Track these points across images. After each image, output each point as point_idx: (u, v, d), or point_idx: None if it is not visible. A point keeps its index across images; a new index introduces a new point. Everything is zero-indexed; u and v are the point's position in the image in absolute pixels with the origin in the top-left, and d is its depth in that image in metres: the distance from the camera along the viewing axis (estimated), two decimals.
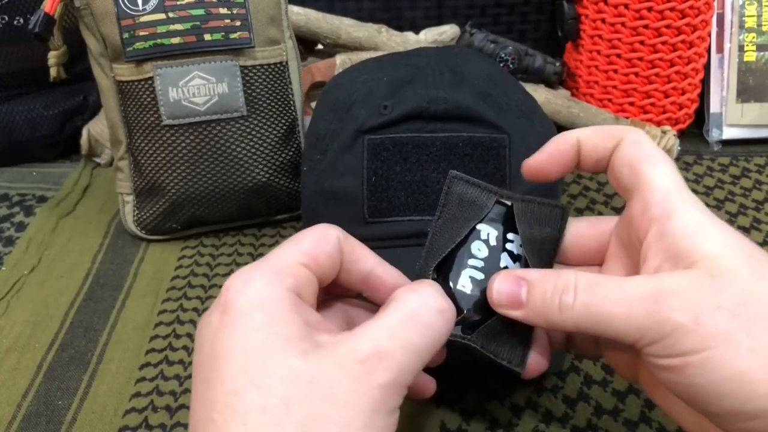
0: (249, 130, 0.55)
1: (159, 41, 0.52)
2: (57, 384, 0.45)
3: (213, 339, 0.27)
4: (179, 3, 0.52)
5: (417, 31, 0.76)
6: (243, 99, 0.55)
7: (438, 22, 0.80)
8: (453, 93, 0.45)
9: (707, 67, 0.72)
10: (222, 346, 0.26)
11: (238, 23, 0.54)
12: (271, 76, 0.56)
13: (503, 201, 0.34)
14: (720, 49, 0.72)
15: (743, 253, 0.26)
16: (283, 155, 0.58)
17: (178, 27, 0.52)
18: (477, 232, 0.34)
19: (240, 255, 0.57)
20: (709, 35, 0.71)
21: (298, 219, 0.61)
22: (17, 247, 0.58)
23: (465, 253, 0.33)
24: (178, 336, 0.49)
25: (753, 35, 0.71)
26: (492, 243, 0.33)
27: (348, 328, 0.32)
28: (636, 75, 0.70)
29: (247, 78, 0.55)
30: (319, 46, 0.75)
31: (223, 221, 0.59)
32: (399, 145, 0.44)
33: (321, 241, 0.30)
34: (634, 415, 0.42)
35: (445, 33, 0.76)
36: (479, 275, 0.33)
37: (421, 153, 0.44)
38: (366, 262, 0.32)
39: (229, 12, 0.53)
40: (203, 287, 0.53)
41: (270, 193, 0.58)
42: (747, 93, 0.71)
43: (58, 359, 0.47)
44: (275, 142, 0.57)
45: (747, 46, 0.71)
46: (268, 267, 0.28)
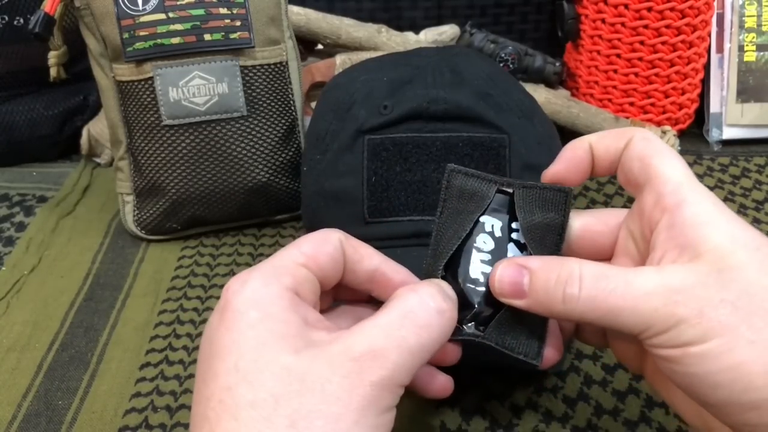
0: (249, 130, 0.55)
1: (159, 41, 0.52)
2: (57, 384, 0.45)
3: (211, 338, 0.27)
4: (179, 3, 0.52)
5: (417, 31, 0.76)
6: (243, 99, 0.55)
7: (438, 22, 0.80)
8: (453, 93, 0.45)
9: (707, 67, 0.72)
10: (218, 344, 0.27)
11: (238, 23, 0.54)
12: (271, 76, 0.56)
13: (504, 189, 0.34)
14: (720, 49, 0.72)
15: (750, 247, 0.26)
16: (283, 155, 0.58)
17: (178, 27, 0.52)
18: (481, 224, 0.33)
19: (240, 255, 0.57)
20: (709, 35, 0.71)
21: (298, 219, 0.61)
22: (17, 247, 0.58)
23: (471, 248, 0.33)
24: (178, 336, 0.49)
25: (753, 35, 0.71)
26: (497, 234, 0.33)
27: None
28: (636, 75, 0.70)
29: (247, 78, 0.55)
30: (319, 46, 0.75)
31: (223, 221, 0.59)
32: (399, 145, 0.44)
33: (321, 243, 0.30)
34: (634, 415, 0.42)
35: (445, 33, 0.76)
36: (487, 268, 0.32)
37: (421, 153, 0.44)
38: (371, 261, 0.32)
39: (229, 12, 0.53)
40: (203, 287, 0.53)
41: (270, 193, 0.58)
42: (747, 93, 0.71)
43: (58, 359, 0.47)
44: (275, 142, 0.57)
45: (747, 46, 0.71)
46: (266, 268, 0.29)
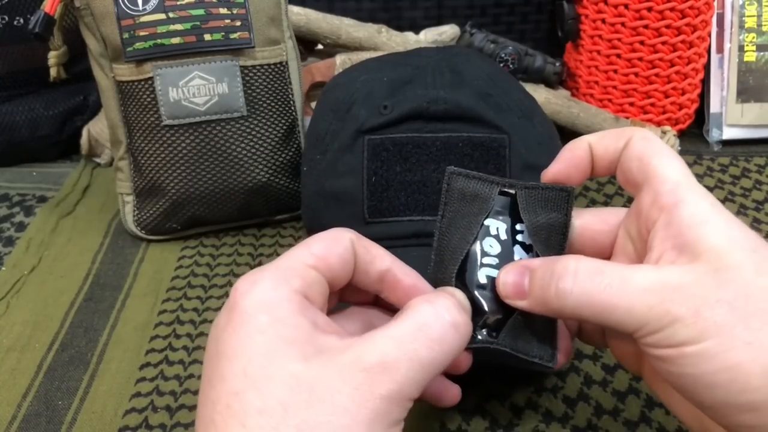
0: (249, 130, 0.55)
1: (159, 41, 0.52)
2: (57, 384, 0.45)
3: (218, 339, 0.27)
4: (179, 3, 0.52)
5: (417, 31, 0.76)
6: (243, 99, 0.55)
7: (438, 22, 0.80)
8: (453, 93, 0.45)
9: (707, 67, 0.72)
10: (226, 346, 0.26)
11: (238, 23, 0.54)
12: (271, 76, 0.56)
13: (506, 190, 0.33)
14: (720, 49, 0.72)
15: (747, 248, 0.26)
16: (283, 155, 0.58)
17: (178, 27, 0.52)
18: (486, 228, 0.33)
19: (240, 255, 0.57)
20: (709, 35, 0.71)
21: (298, 219, 0.61)
22: (17, 247, 0.58)
23: (478, 252, 0.33)
24: (178, 336, 0.49)
25: (753, 35, 0.71)
26: (503, 237, 0.33)
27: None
28: (636, 75, 0.70)
29: (247, 78, 0.55)
30: (319, 46, 0.75)
31: (223, 221, 0.59)
32: (399, 145, 0.44)
33: (332, 244, 0.30)
34: (634, 415, 0.42)
35: (445, 33, 0.76)
36: (495, 272, 0.32)
37: (421, 153, 0.44)
38: (382, 262, 0.31)
39: (229, 12, 0.53)
40: (203, 287, 0.53)
41: (270, 193, 0.58)
42: (747, 93, 0.71)
43: (58, 359, 0.47)
44: (275, 142, 0.57)
45: (747, 46, 0.71)
46: (275, 269, 0.28)
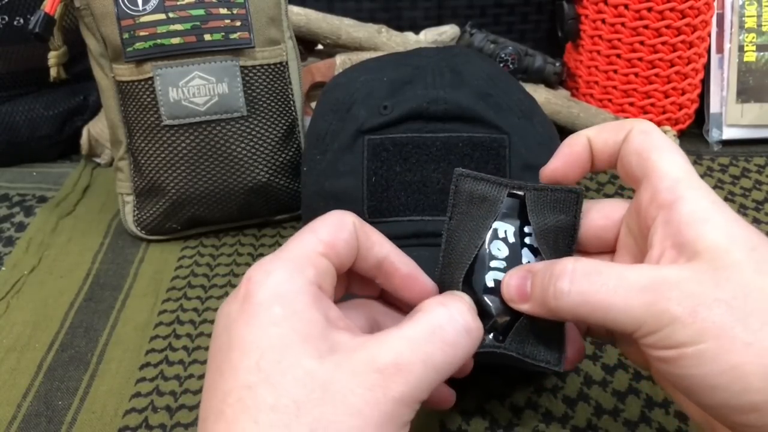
0: (249, 130, 0.55)
1: (159, 41, 0.52)
2: (57, 384, 0.45)
3: (230, 328, 0.27)
4: (179, 3, 0.52)
5: (417, 31, 0.76)
6: (243, 99, 0.55)
7: (438, 22, 0.80)
8: (453, 93, 0.45)
9: (707, 68, 0.72)
10: (239, 337, 0.26)
11: (238, 23, 0.54)
12: (271, 76, 0.56)
13: (515, 192, 0.33)
14: (720, 50, 0.72)
15: (747, 247, 0.26)
16: (283, 155, 0.58)
17: (178, 27, 0.52)
18: (494, 231, 0.33)
19: (240, 255, 0.57)
20: (709, 35, 0.71)
21: (298, 219, 0.61)
22: (17, 247, 0.58)
23: (486, 255, 0.32)
24: (178, 336, 0.49)
25: (753, 35, 0.71)
26: (511, 240, 0.33)
27: (371, 328, 0.32)
28: (636, 75, 0.70)
29: (247, 78, 0.55)
30: (319, 46, 0.75)
31: (223, 221, 0.59)
32: (399, 146, 0.44)
33: (338, 229, 0.29)
34: (634, 415, 0.42)
35: (445, 33, 0.76)
36: (502, 276, 0.32)
37: (421, 153, 0.44)
38: (381, 248, 0.31)
39: (229, 12, 0.53)
40: (203, 287, 0.53)
41: (270, 193, 0.58)
42: (747, 93, 0.71)
43: (58, 359, 0.47)
44: (275, 142, 0.57)
45: (747, 46, 0.71)
46: (288, 258, 0.28)
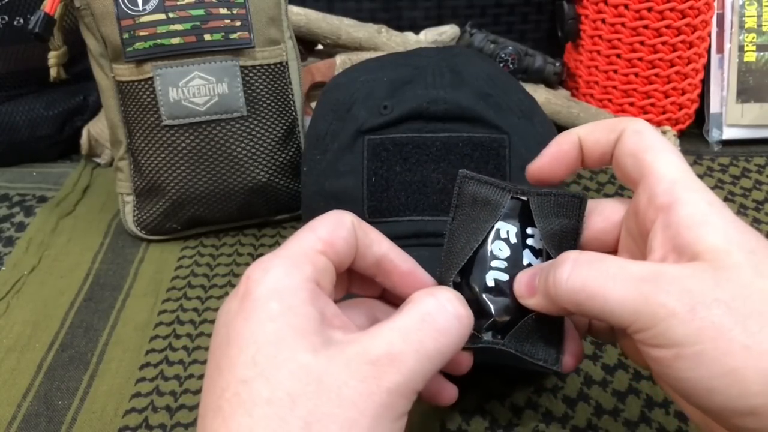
0: (249, 130, 0.55)
1: (159, 41, 0.52)
2: (57, 384, 0.45)
3: (228, 325, 0.27)
4: (179, 3, 0.52)
5: (417, 31, 0.76)
6: (243, 99, 0.55)
7: (438, 22, 0.80)
8: (453, 93, 0.45)
9: (707, 68, 0.72)
10: (236, 333, 0.26)
11: (238, 23, 0.54)
12: (271, 76, 0.56)
13: (518, 197, 0.33)
14: (720, 50, 0.72)
15: (746, 249, 0.26)
16: (283, 155, 0.58)
17: (178, 27, 0.52)
18: (496, 231, 0.33)
19: (240, 255, 0.57)
20: (709, 35, 0.71)
21: (298, 219, 0.61)
22: (17, 247, 0.58)
23: (487, 255, 0.32)
24: (178, 336, 0.49)
25: (753, 35, 0.71)
26: (512, 240, 0.33)
27: (372, 326, 0.32)
28: (636, 75, 0.70)
29: (247, 78, 0.55)
30: (319, 46, 0.75)
31: (223, 221, 0.59)
32: (399, 146, 0.44)
33: (337, 227, 0.30)
34: (634, 415, 0.42)
35: (445, 33, 0.76)
36: (503, 276, 0.32)
37: (421, 153, 0.44)
38: (380, 246, 0.32)
39: (229, 12, 0.53)
40: (203, 287, 0.53)
41: (270, 193, 0.58)
42: (747, 93, 0.71)
43: (58, 359, 0.47)
44: (275, 142, 0.57)
45: (747, 46, 0.71)
46: (286, 255, 0.28)
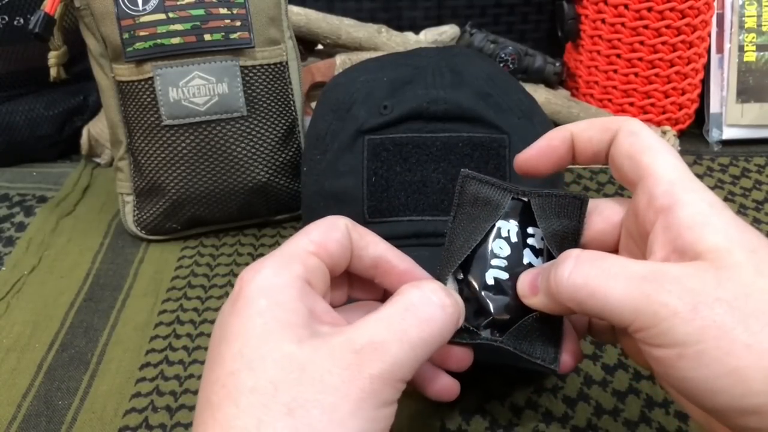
0: (249, 130, 0.55)
1: (159, 41, 0.52)
2: (57, 384, 0.45)
3: (221, 325, 0.28)
4: (179, 3, 0.52)
5: (417, 31, 0.76)
6: (243, 99, 0.55)
7: (438, 22, 0.80)
8: (453, 93, 0.45)
9: (707, 68, 0.72)
10: (227, 330, 0.27)
11: (238, 23, 0.54)
12: (271, 76, 0.56)
13: (519, 197, 0.33)
14: (720, 49, 0.72)
15: (747, 248, 0.26)
16: (283, 155, 0.58)
17: (178, 27, 0.52)
18: (497, 230, 0.33)
19: (240, 255, 0.57)
20: (709, 35, 0.71)
21: (298, 219, 0.61)
22: (17, 247, 0.58)
23: (487, 253, 0.33)
24: (178, 336, 0.49)
25: (753, 35, 0.71)
26: (513, 240, 0.33)
27: None
28: (636, 75, 0.70)
29: (247, 78, 0.55)
30: (319, 46, 0.75)
31: (223, 221, 0.59)
32: (399, 146, 0.44)
33: (329, 230, 0.30)
34: (634, 415, 0.42)
35: (445, 33, 0.76)
36: (503, 275, 0.32)
37: (421, 153, 0.44)
38: (376, 247, 0.32)
39: (229, 12, 0.53)
40: (203, 287, 0.53)
41: (270, 193, 0.58)
42: (747, 93, 0.71)
43: (58, 359, 0.47)
44: (275, 142, 0.57)
45: (747, 46, 0.71)
46: (278, 256, 0.29)
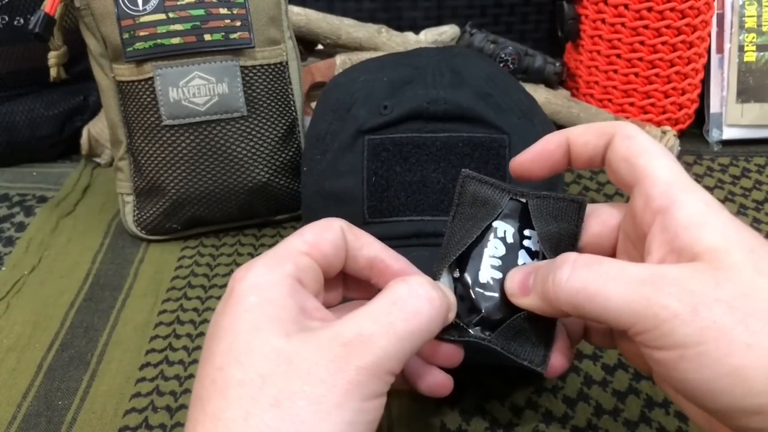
0: (249, 130, 0.55)
1: (159, 41, 0.52)
2: (57, 384, 0.45)
3: (215, 323, 0.28)
4: (179, 3, 0.52)
5: (417, 31, 0.76)
6: (243, 99, 0.55)
7: (438, 22, 0.80)
8: (453, 93, 0.45)
9: (707, 68, 0.72)
10: (218, 327, 0.28)
11: (238, 23, 0.54)
12: (271, 76, 0.56)
13: (517, 198, 0.34)
14: (720, 50, 0.72)
15: (745, 248, 0.26)
16: (283, 155, 0.58)
17: (178, 27, 0.52)
18: (494, 229, 0.33)
19: (240, 255, 0.57)
20: (709, 35, 0.71)
21: (298, 219, 0.61)
22: (17, 247, 0.58)
23: (483, 252, 0.33)
24: (178, 336, 0.49)
25: (753, 35, 0.71)
26: (509, 240, 0.33)
27: None
28: (636, 75, 0.70)
29: (247, 78, 0.55)
30: (319, 46, 0.75)
31: (223, 221, 0.59)
32: (399, 146, 0.44)
33: (323, 231, 0.31)
34: (634, 415, 0.42)
35: (445, 33, 0.76)
36: (498, 274, 0.32)
37: (421, 153, 0.44)
38: (370, 248, 0.32)
39: (229, 12, 0.53)
40: (203, 287, 0.53)
41: (270, 193, 0.58)
42: (747, 93, 0.71)
43: (58, 359, 0.47)
44: (275, 142, 0.57)
45: (747, 46, 0.71)
46: (270, 255, 0.29)
